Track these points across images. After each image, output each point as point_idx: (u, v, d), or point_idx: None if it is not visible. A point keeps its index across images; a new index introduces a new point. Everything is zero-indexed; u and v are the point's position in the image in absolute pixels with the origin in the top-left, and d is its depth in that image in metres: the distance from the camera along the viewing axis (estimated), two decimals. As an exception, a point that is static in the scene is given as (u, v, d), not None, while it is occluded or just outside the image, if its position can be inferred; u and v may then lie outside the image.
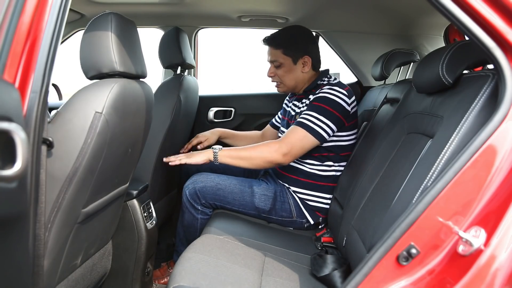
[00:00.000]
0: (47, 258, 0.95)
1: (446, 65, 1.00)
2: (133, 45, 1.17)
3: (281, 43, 1.67)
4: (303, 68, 1.69)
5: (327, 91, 1.58)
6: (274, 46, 1.69)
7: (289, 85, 1.73)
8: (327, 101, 1.56)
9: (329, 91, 1.58)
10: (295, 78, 1.71)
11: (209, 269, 1.10)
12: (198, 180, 1.63)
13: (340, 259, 1.25)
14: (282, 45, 1.67)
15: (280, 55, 1.68)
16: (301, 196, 1.65)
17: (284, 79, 1.72)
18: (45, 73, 0.77)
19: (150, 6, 2.04)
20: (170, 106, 1.74)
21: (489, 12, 0.78)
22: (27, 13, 0.75)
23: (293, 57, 1.67)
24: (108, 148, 1.03)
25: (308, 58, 1.68)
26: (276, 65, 1.70)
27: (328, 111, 1.54)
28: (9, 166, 0.62)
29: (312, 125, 1.53)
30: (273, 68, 1.72)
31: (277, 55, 1.68)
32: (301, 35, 1.70)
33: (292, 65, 1.69)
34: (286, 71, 1.70)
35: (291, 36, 1.68)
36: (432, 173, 0.89)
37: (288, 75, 1.70)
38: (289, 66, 1.69)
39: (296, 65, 1.68)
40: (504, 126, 0.78)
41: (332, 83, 1.64)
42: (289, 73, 1.70)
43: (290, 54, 1.67)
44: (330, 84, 1.62)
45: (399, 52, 1.88)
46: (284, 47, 1.67)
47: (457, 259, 0.75)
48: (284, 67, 1.69)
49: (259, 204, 1.62)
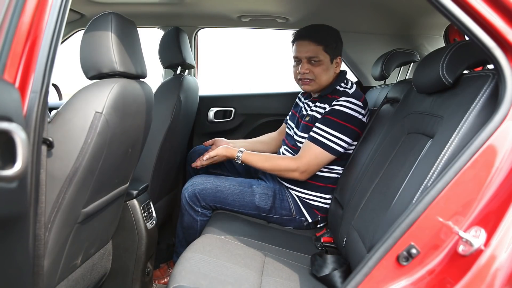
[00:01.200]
0: (47, 258, 0.95)
1: (446, 65, 1.00)
2: (133, 45, 1.17)
3: (323, 39, 1.60)
4: (336, 68, 1.66)
5: (344, 105, 1.54)
6: (316, 41, 1.60)
7: (322, 84, 1.65)
8: (343, 115, 1.53)
9: (346, 104, 1.54)
10: (329, 77, 1.64)
11: (209, 269, 1.10)
12: (198, 183, 1.62)
13: (340, 259, 1.25)
14: (325, 41, 1.60)
15: (321, 52, 1.60)
16: (300, 195, 1.66)
17: (320, 77, 1.63)
18: (45, 73, 0.77)
19: (150, 6, 2.04)
20: (170, 106, 1.74)
21: (489, 12, 0.78)
22: (27, 13, 0.75)
23: (332, 55, 1.62)
24: (108, 148, 1.03)
25: (340, 59, 1.66)
26: (313, 61, 1.61)
27: (344, 126, 1.53)
28: (9, 166, 0.62)
29: (327, 141, 1.52)
30: (308, 65, 1.63)
31: (318, 51, 1.60)
32: (338, 36, 1.66)
33: (329, 64, 1.63)
34: (325, 69, 1.62)
35: (331, 34, 1.63)
36: (432, 173, 0.89)
37: (325, 73, 1.63)
38: (327, 64, 1.62)
39: (332, 64, 1.64)
40: (504, 126, 0.78)
41: (349, 93, 1.59)
42: (326, 71, 1.63)
43: (330, 52, 1.61)
44: (347, 95, 1.58)
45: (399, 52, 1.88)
46: (326, 44, 1.60)
47: (457, 259, 0.75)
48: (322, 65, 1.61)
49: (259, 203, 1.62)
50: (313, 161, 1.54)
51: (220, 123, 2.52)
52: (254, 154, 1.61)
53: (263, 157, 1.61)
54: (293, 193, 1.67)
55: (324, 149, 1.53)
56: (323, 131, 1.54)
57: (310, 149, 1.54)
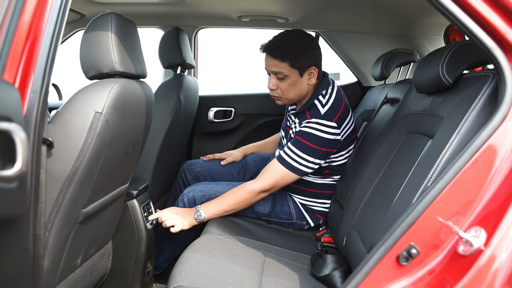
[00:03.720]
0: (47, 258, 0.95)
1: (446, 65, 1.00)
2: (133, 45, 1.17)
3: (288, 55, 1.45)
4: (309, 80, 1.51)
5: (313, 127, 1.45)
6: (279, 58, 1.46)
7: (292, 99, 1.55)
8: (312, 138, 1.45)
9: (315, 126, 1.45)
10: (299, 91, 1.52)
11: (209, 269, 1.10)
12: (198, 189, 1.62)
13: (340, 259, 1.24)
14: (289, 57, 1.45)
15: (286, 68, 1.47)
16: (301, 201, 1.65)
17: (287, 93, 1.52)
18: (45, 73, 0.77)
19: (150, 6, 2.04)
20: (170, 106, 1.74)
21: (489, 12, 0.78)
22: (27, 13, 0.75)
23: (300, 69, 1.47)
24: (108, 148, 1.03)
25: (315, 69, 1.50)
26: (279, 78, 1.50)
27: (312, 149, 1.44)
28: (9, 166, 0.62)
29: (294, 163, 1.46)
30: (275, 80, 1.51)
31: (283, 67, 1.47)
32: (308, 43, 1.50)
33: (299, 78, 1.49)
34: (291, 84, 1.49)
35: (299, 46, 1.47)
36: (432, 173, 0.89)
37: (293, 88, 1.51)
38: (295, 79, 1.49)
39: (303, 77, 1.50)
40: (504, 126, 0.78)
41: (321, 114, 1.47)
42: (294, 86, 1.50)
43: (297, 66, 1.47)
44: (317, 116, 1.46)
45: (399, 52, 1.88)
46: (291, 59, 1.45)
47: (457, 259, 0.75)
48: (289, 80, 1.49)
49: (258, 208, 1.61)
50: (279, 181, 1.48)
51: (220, 123, 2.52)
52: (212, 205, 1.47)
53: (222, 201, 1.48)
54: (294, 198, 1.66)
55: (290, 171, 1.47)
56: (291, 152, 1.47)
57: (276, 169, 1.48)
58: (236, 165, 1.96)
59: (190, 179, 1.93)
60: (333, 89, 1.55)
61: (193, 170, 1.93)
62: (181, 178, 1.96)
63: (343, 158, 1.59)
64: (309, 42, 1.51)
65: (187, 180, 1.94)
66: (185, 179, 1.95)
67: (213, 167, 1.95)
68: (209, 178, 1.93)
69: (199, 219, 1.45)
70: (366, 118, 2.00)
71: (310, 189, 1.63)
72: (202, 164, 1.95)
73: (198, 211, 1.45)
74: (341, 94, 1.56)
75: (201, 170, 1.93)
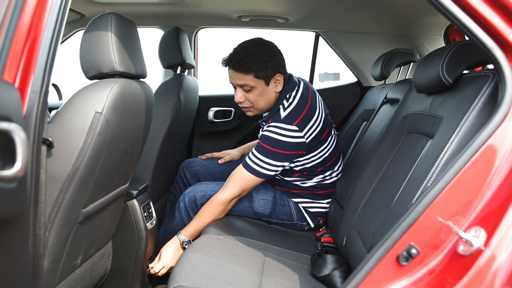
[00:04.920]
0: (47, 258, 0.95)
1: (446, 65, 1.00)
2: (133, 45, 1.17)
3: (251, 67, 1.45)
4: (275, 87, 1.52)
5: (272, 130, 1.45)
6: (243, 71, 1.46)
7: (262, 108, 1.55)
8: (272, 142, 1.45)
9: (274, 130, 1.45)
10: (267, 100, 1.52)
11: (209, 269, 1.10)
12: (198, 189, 1.62)
13: (340, 259, 1.24)
14: (253, 68, 1.45)
15: (251, 79, 1.47)
16: (302, 204, 1.65)
17: (257, 103, 1.53)
18: (45, 73, 0.77)
19: (150, 6, 2.04)
20: (170, 106, 1.74)
21: (489, 12, 0.78)
22: (27, 13, 0.75)
23: (266, 78, 1.48)
24: (108, 148, 1.03)
25: (280, 76, 1.50)
26: (246, 90, 1.50)
27: (273, 152, 1.45)
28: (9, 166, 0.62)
29: (256, 167, 1.47)
30: (242, 92, 1.51)
31: (248, 79, 1.47)
32: (269, 51, 1.49)
33: (265, 87, 1.49)
34: (259, 94, 1.50)
35: (260, 56, 1.45)
36: (432, 173, 0.89)
37: (262, 97, 1.51)
38: (262, 89, 1.49)
39: (269, 85, 1.50)
40: (504, 126, 0.78)
41: (281, 117, 1.47)
42: (262, 96, 1.50)
43: (262, 76, 1.47)
44: (277, 120, 1.47)
45: (399, 52, 1.88)
46: (255, 70, 1.45)
47: (457, 259, 0.75)
48: (256, 91, 1.49)
49: (258, 209, 1.61)
50: (246, 186, 1.50)
51: (220, 123, 2.52)
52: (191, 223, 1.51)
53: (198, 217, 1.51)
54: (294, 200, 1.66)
55: (256, 176, 1.48)
56: (255, 157, 1.48)
57: (242, 175, 1.50)
58: (235, 163, 1.96)
59: (189, 178, 1.94)
60: (297, 92, 1.54)
61: (192, 168, 1.94)
62: (180, 177, 1.96)
63: (317, 158, 1.56)
64: (270, 50, 1.50)
65: (186, 179, 1.94)
66: (184, 178, 1.95)
67: (212, 165, 1.95)
68: (208, 176, 1.93)
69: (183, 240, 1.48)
70: (366, 118, 2.00)
71: (308, 191, 1.63)
72: (201, 163, 1.96)
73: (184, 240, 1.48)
74: (306, 96, 1.54)
75: (200, 168, 1.94)
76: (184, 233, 1.49)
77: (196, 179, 1.93)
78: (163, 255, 1.46)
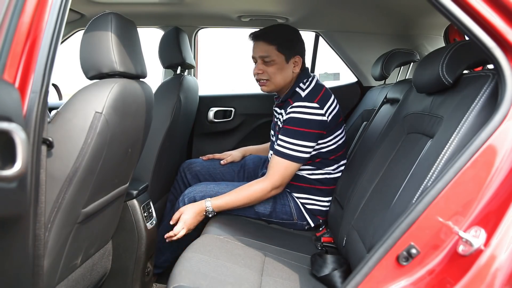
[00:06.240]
0: (47, 258, 0.95)
1: (446, 65, 1.00)
2: (133, 45, 1.17)
3: (276, 39, 1.58)
4: (293, 68, 1.62)
5: (297, 111, 1.52)
6: (268, 41, 1.58)
7: (278, 84, 1.63)
8: (298, 122, 1.51)
9: (298, 109, 1.52)
10: (284, 77, 1.62)
11: (209, 269, 1.10)
12: (198, 190, 1.62)
13: (340, 259, 1.25)
14: (277, 41, 1.58)
15: (274, 51, 1.58)
16: (302, 200, 1.65)
17: (274, 77, 1.61)
18: (45, 73, 0.77)
19: (150, 6, 2.04)
20: (170, 106, 1.74)
21: (489, 12, 0.78)
22: (27, 13, 0.75)
23: (287, 55, 1.59)
24: (108, 148, 1.03)
25: (300, 58, 1.62)
26: (266, 61, 1.60)
27: (302, 133, 1.50)
28: (9, 166, 0.62)
29: (291, 152, 1.51)
30: (262, 65, 1.61)
31: (270, 51, 1.58)
32: (295, 35, 1.64)
33: (285, 63, 1.60)
34: (278, 68, 1.60)
35: (286, 34, 1.62)
36: (432, 173, 0.89)
37: (280, 73, 1.60)
38: (281, 64, 1.60)
39: (288, 64, 1.60)
40: (504, 126, 0.78)
41: (302, 96, 1.56)
42: (280, 71, 1.60)
43: (284, 52, 1.58)
44: (299, 99, 1.55)
45: (399, 52, 1.88)
46: (279, 44, 1.58)
47: (457, 259, 0.75)
48: (276, 65, 1.59)
49: (258, 208, 1.62)
50: (285, 174, 1.53)
51: (220, 123, 2.52)
52: (223, 196, 1.53)
53: (234, 195, 1.53)
54: (295, 198, 1.66)
55: (291, 161, 1.51)
56: (286, 143, 1.52)
57: (278, 164, 1.53)
58: (236, 165, 1.98)
59: (190, 178, 1.94)
60: (312, 80, 1.65)
61: (192, 169, 1.95)
62: (181, 177, 1.97)
63: (333, 143, 1.61)
64: (296, 34, 1.65)
65: (187, 179, 1.95)
66: (184, 178, 1.96)
67: (213, 166, 1.96)
68: (208, 177, 1.94)
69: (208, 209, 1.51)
70: (366, 118, 2.00)
71: (311, 185, 1.64)
72: (201, 164, 1.96)
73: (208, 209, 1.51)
74: (321, 84, 1.66)
75: (200, 169, 1.95)
76: (213, 202, 1.51)
77: (196, 180, 1.94)
78: (184, 216, 1.48)
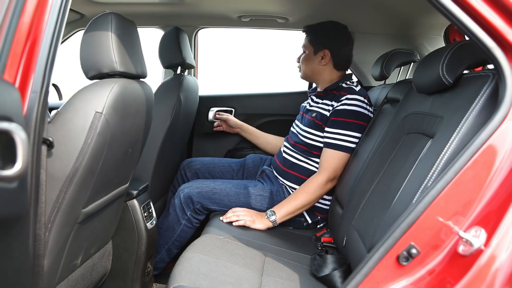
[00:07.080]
0: (47, 258, 0.95)
1: (446, 65, 1.00)
2: (133, 45, 1.17)
3: (312, 31, 1.74)
4: (321, 60, 1.72)
5: (350, 103, 1.59)
6: (307, 32, 1.77)
7: (305, 73, 1.79)
8: (351, 114, 1.58)
9: (352, 102, 1.59)
10: (311, 68, 1.75)
11: (209, 269, 1.10)
12: (194, 186, 1.63)
13: (340, 259, 1.24)
14: (311, 33, 1.74)
15: (307, 42, 1.76)
16: None
17: (303, 66, 1.78)
18: (45, 73, 0.77)
19: (150, 6, 2.04)
20: (170, 106, 1.74)
21: (489, 12, 0.78)
22: (27, 13, 0.75)
23: (315, 47, 1.72)
24: (108, 148, 1.03)
25: (328, 52, 1.71)
26: (303, 51, 1.78)
27: (353, 124, 1.58)
28: (9, 166, 0.62)
29: (345, 143, 1.58)
30: (301, 53, 1.80)
31: (305, 41, 1.76)
32: (329, 29, 1.73)
33: (312, 55, 1.74)
34: (306, 58, 1.76)
35: (321, 28, 1.73)
36: (432, 173, 0.89)
37: (306, 63, 1.76)
38: (309, 55, 1.75)
39: (315, 56, 1.73)
40: (504, 126, 0.78)
41: (355, 90, 1.64)
42: (307, 61, 1.76)
43: (313, 44, 1.73)
44: (352, 92, 1.62)
45: (399, 52, 1.88)
46: (312, 35, 1.74)
47: (457, 259, 0.75)
48: (306, 55, 1.76)
49: (255, 205, 1.62)
50: (338, 165, 1.58)
51: (220, 123, 2.51)
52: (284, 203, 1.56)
53: (293, 197, 1.57)
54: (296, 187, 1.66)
55: (344, 151, 1.58)
56: (339, 135, 1.58)
57: (333, 156, 1.58)
58: (235, 164, 1.99)
59: (190, 176, 1.95)
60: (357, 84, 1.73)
61: (192, 167, 1.96)
62: (181, 175, 1.98)
63: None
64: (330, 28, 1.73)
65: (187, 177, 1.96)
66: (184, 176, 1.97)
67: (212, 165, 1.97)
68: (208, 175, 1.95)
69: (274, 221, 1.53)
70: (366, 118, 2.00)
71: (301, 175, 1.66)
72: (201, 162, 1.98)
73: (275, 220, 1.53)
74: None
75: (200, 167, 1.96)
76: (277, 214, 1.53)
77: (196, 178, 1.95)
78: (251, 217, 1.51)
